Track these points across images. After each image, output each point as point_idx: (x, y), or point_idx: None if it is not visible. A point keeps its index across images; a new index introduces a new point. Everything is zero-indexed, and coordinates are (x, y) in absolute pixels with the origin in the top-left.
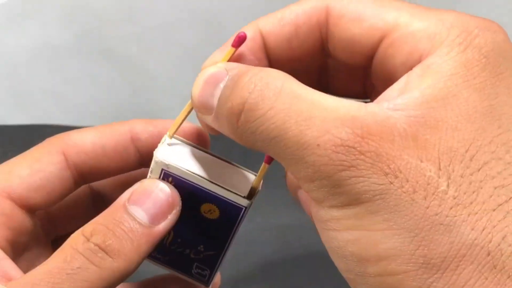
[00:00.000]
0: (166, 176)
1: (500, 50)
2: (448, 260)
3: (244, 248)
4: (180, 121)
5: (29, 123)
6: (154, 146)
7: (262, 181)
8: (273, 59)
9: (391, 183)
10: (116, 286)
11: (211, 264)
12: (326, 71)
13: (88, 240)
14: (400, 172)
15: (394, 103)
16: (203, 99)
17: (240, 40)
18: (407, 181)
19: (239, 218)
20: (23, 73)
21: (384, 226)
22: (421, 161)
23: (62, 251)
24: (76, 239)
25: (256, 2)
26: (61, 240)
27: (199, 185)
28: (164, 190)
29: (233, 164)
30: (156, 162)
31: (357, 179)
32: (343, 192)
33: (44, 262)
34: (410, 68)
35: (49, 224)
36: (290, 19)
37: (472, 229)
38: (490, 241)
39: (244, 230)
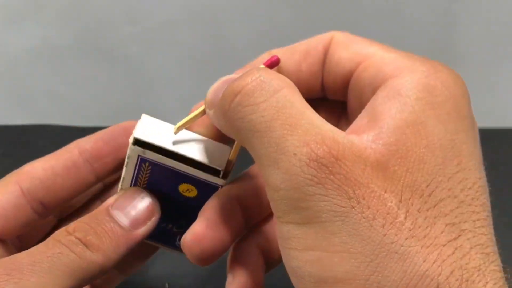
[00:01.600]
0: (143, 161)
1: (460, 91)
2: None
3: None
4: (189, 119)
5: (29, 123)
6: (101, 151)
7: (236, 155)
8: None
9: (353, 207)
10: (92, 279)
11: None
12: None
13: (70, 234)
14: (364, 198)
15: (372, 134)
16: (212, 94)
17: (273, 63)
18: (369, 207)
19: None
20: (23, 73)
21: (342, 248)
22: (385, 192)
23: (44, 242)
24: (59, 233)
25: (256, 2)
26: None
27: (176, 168)
28: (145, 199)
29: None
30: (132, 149)
31: (321, 197)
32: (306, 207)
33: (26, 250)
34: (374, 90)
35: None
36: (301, 48)
37: (424, 261)
38: (440, 274)
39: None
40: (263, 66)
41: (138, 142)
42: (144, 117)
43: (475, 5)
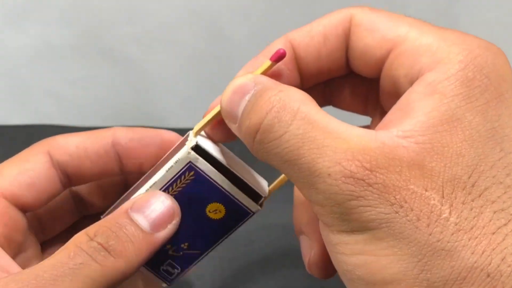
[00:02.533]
0: (189, 169)
1: (500, 72)
2: (450, 283)
3: (244, 248)
4: (207, 121)
5: (29, 123)
6: (133, 151)
7: (278, 187)
8: (303, 69)
9: (397, 212)
10: (115, 286)
11: (187, 263)
12: (331, 88)
13: (92, 239)
14: (406, 202)
15: (402, 129)
16: (229, 108)
17: (279, 56)
18: (412, 210)
19: (240, 223)
20: (23, 73)
21: (390, 252)
22: (426, 190)
23: (66, 248)
24: (80, 238)
25: (256, 2)
26: (48, 244)
27: (219, 185)
28: (165, 201)
29: (249, 169)
30: (187, 154)
31: (364, 208)
32: (352, 219)
33: (48, 258)
34: (411, 81)
35: (38, 227)
36: (318, 31)
37: (472, 253)
38: (490, 264)
39: (244, 230)
40: (269, 61)
41: (197, 149)
42: (192, 133)
43: (475, 5)
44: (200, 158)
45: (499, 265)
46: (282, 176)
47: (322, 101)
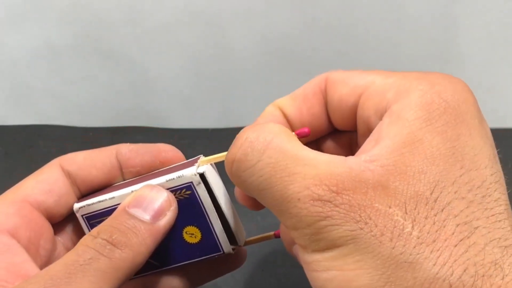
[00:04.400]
0: (188, 188)
1: (459, 95)
2: None
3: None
4: (217, 157)
5: (29, 123)
6: (131, 160)
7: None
8: (292, 126)
9: (362, 228)
10: (128, 276)
11: (143, 269)
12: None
13: (96, 237)
14: (370, 219)
15: (370, 154)
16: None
17: (303, 134)
18: (376, 226)
19: (207, 256)
20: (24, 73)
21: (356, 266)
22: (390, 207)
23: (74, 249)
24: (85, 239)
25: (255, 3)
26: None
27: (206, 213)
28: (160, 192)
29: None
30: (194, 174)
31: (332, 227)
32: (322, 239)
33: (59, 259)
34: (380, 116)
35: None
36: (299, 93)
37: (434, 264)
38: (452, 274)
39: (245, 230)
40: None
41: (202, 177)
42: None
43: (475, 6)
44: (202, 184)
45: (461, 275)
46: (261, 235)
47: None
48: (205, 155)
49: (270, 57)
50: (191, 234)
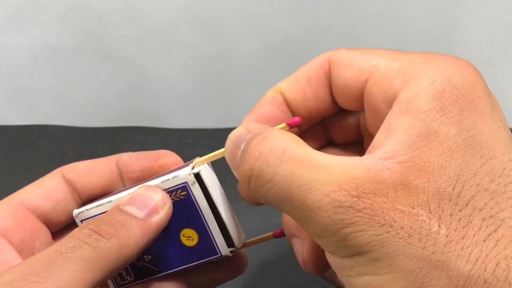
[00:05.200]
0: (183, 189)
1: (469, 80)
2: None
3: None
4: (212, 156)
5: (29, 123)
6: (131, 165)
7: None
8: (294, 111)
9: (387, 232)
10: (114, 268)
11: (141, 275)
12: (323, 123)
13: (82, 228)
14: (395, 221)
15: (384, 150)
16: (230, 159)
17: (295, 123)
18: (402, 228)
19: (205, 260)
20: (24, 73)
21: (389, 270)
22: (413, 208)
23: (59, 241)
24: (73, 231)
25: (256, 3)
26: None
27: (203, 215)
28: (154, 192)
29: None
30: (189, 174)
31: (357, 233)
32: (348, 245)
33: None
34: (389, 104)
35: None
36: (302, 75)
37: (467, 262)
38: (485, 270)
39: (244, 230)
40: (284, 124)
41: (197, 176)
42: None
43: (475, 6)
44: (197, 184)
45: (494, 270)
46: (260, 237)
47: (323, 140)
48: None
49: (270, 57)
50: (188, 237)
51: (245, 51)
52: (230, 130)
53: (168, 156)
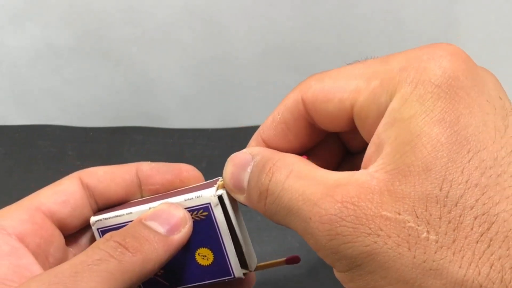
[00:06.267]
0: (205, 209)
1: (450, 73)
2: None
3: None
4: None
5: (29, 123)
6: (152, 177)
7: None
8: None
9: (375, 242)
10: (135, 282)
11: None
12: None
13: (108, 240)
14: (381, 230)
15: (375, 165)
16: (234, 182)
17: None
18: (389, 237)
19: (217, 280)
20: (24, 73)
21: (385, 282)
22: (399, 214)
23: (85, 251)
24: (97, 242)
25: (255, 3)
26: None
27: (221, 237)
28: (177, 209)
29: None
30: (213, 195)
31: (345, 245)
32: (341, 258)
33: (69, 260)
34: (379, 119)
35: None
36: (278, 120)
37: (460, 267)
38: (479, 274)
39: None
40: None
41: (220, 199)
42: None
43: (475, 5)
44: (219, 206)
45: (488, 273)
46: (273, 261)
47: (341, 151)
48: (205, 155)
49: (270, 57)
50: (204, 256)
51: (245, 51)
52: (230, 130)
53: (190, 172)
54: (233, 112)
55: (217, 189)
